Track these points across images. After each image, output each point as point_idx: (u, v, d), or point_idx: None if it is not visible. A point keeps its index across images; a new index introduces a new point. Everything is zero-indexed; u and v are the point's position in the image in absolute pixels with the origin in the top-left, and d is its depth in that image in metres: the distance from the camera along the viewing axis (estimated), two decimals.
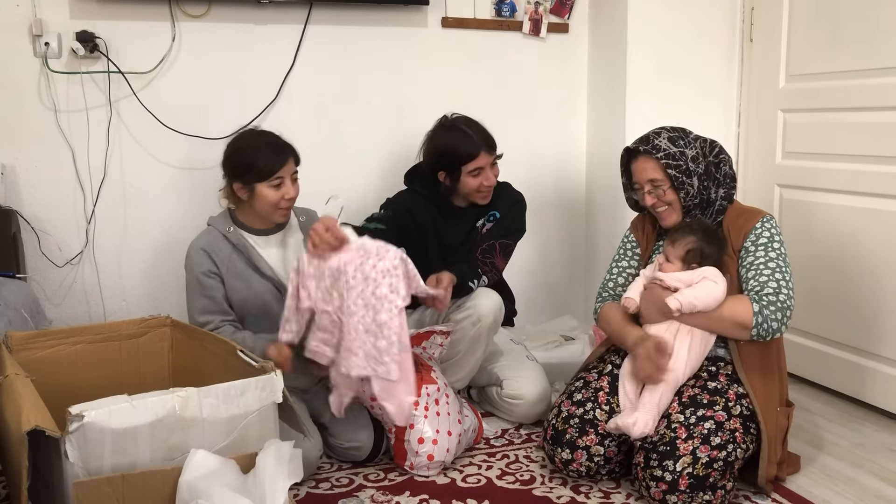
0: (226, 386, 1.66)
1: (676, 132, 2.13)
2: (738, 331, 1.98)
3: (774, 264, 2.00)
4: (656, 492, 1.86)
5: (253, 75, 2.83)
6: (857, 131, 2.55)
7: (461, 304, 2.34)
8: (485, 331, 2.34)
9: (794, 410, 2.10)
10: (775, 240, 2.04)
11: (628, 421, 1.93)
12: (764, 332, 1.95)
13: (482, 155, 2.39)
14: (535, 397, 2.42)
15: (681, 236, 2.05)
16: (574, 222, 3.32)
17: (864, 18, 2.50)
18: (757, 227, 2.06)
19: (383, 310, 1.89)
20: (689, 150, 2.09)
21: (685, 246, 2.03)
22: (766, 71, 2.92)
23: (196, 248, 2.23)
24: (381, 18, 2.94)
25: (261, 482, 1.52)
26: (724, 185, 2.12)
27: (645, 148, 2.10)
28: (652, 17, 2.96)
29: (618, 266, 2.29)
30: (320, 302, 1.98)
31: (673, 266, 2.05)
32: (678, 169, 2.07)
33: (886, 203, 2.47)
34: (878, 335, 2.52)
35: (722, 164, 2.13)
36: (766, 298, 1.95)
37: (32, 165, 2.66)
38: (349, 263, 1.93)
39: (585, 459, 2.02)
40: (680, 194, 2.08)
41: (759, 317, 1.94)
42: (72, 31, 2.61)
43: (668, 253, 2.07)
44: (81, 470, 1.50)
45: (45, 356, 2.04)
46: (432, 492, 2.04)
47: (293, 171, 2.24)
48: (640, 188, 2.14)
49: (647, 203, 2.13)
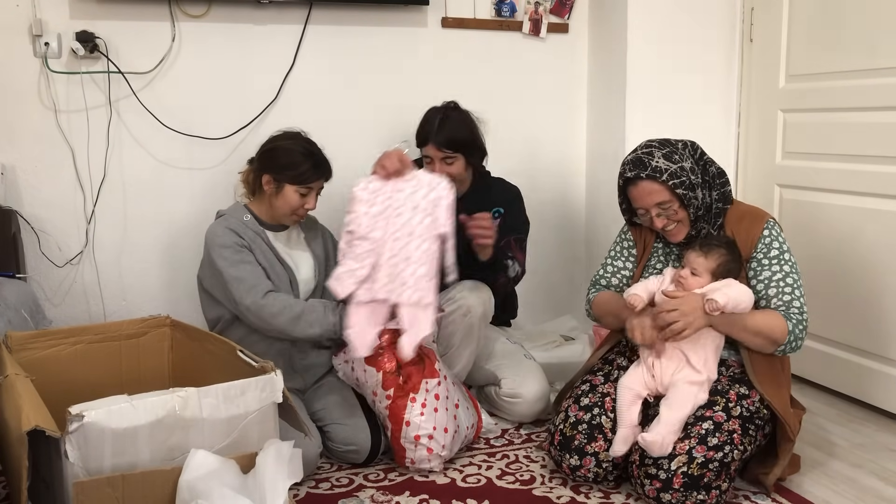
0: (226, 386, 1.66)
1: (665, 147, 2.06)
2: (766, 344, 1.95)
3: (792, 280, 1.99)
4: (650, 489, 1.86)
5: (253, 75, 2.83)
6: (857, 131, 2.55)
7: (450, 297, 2.35)
8: (476, 322, 2.35)
9: (804, 413, 2.10)
10: (784, 249, 2.02)
11: (656, 439, 1.86)
12: (790, 349, 1.95)
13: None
14: (534, 396, 2.42)
15: (712, 248, 1.97)
16: (574, 222, 3.32)
17: (864, 18, 2.50)
18: (765, 235, 2.03)
19: (429, 238, 2.04)
20: (685, 163, 2.04)
21: (717, 259, 1.96)
22: (766, 71, 2.92)
23: (221, 227, 2.21)
24: (381, 18, 2.94)
25: (261, 482, 1.52)
26: (716, 186, 2.08)
27: (646, 173, 2.01)
28: (652, 18, 2.96)
29: (613, 265, 2.25)
30: (363, 227, 2.07)
31: (700, 280, 1.96)
32: (684, 186, 2.01)
33: (886, 203, 2.47)
34: (879, 335, 2.52)
35: (708, 164, 2.10)
36: (796, 318, 1.95)
37: (32, 165, 2.67)
38: (402, 191, 2.08)
39: (594, 466, 2.00)
40: (689, 210, 2.03)
41: (791, 335, 1.93)
42: (72, 31, 2.61)
43: (695, 264, 1.97)
44: (81, 470, 1.49)
45: (45, 356, 2.04)
46: (432, 492, 2.04)
47: (321, 187, 2.28)
48: (646, 213, 2.07)
49: (658, 226, 2.05)
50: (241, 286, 2.13)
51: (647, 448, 1.88)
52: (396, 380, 2.12)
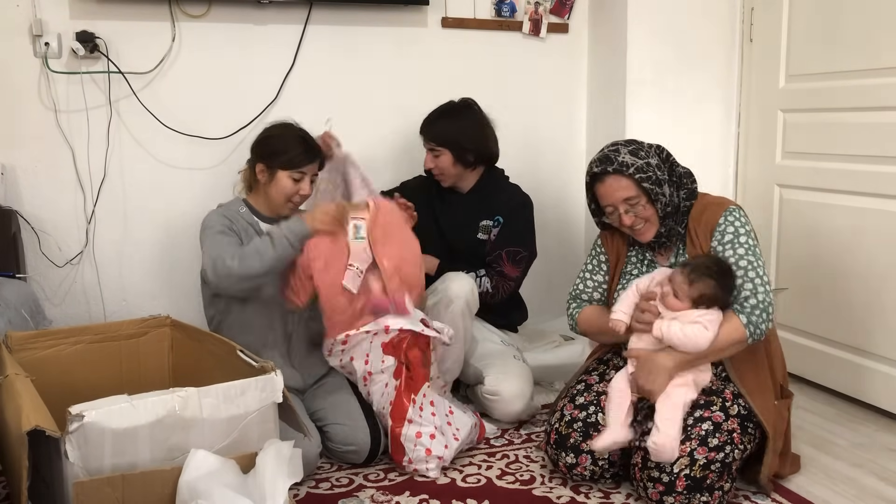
0: (226, 386, 1.66)
1: (631, 144, 2.06)
2: (735, 348, 1.95)
3: (745, 262, 1.96)
4: (653, 493, 1.86)
5: (253, 75, 2.83)
6: (857, 131, 2.55)
7: (433, 288, 2.41)
8: (458, 313, 2.37)
9: (792, 400, 2.09)
10: (740, 234, 2.00)
11: (660, 444, 1.85)
12: (758, 336, 1.93)
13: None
14: (512, 394, 2.41)
15: (699, 278, 1.91)
16: (574, 223, 3.32)
17: (864, 18, 2.50)
18: (720, 223, 2.02)
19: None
20: (652, 159, 2.04)
21: (700, 290, 1.91)
22: (766, 71, 2.92)
23: (216, 213, 2.26)
24: (381, 18, 2.94)
25: (261, 482, 1.52)
26: (683, 185, 2.07)
27: (613, 168, 2.01)
28: (652, 18, 2.97)
29: (593, 280, 2.23)
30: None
31: (681, 305, 1.92)
32: (650, 181, 2.00)
33: (886, 203, 2.47)
34: (878, 335, 2.52)
35: (674, 165, 2.10)
36: (748, 305, 1.93)
37: (32, 165, 2.67)
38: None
39: (590, 463, 2.01)
40: (657, 206, 2.02)
41: (749, 327, 1.91)
42: (72, 31, 2.61)
43: (678, 290, 1.93)
44: (81, 470, 1.49)
45: (45, 356, 2.04)
46: (432, 492, 2.04)
47: (314, 173, 2.28)
48: (614, 210, 2.05)
49: (626, 223, 2.04)
50: (213, 250, 2.11)
51: (655, 455, 1.86)
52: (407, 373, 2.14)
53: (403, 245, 2.16)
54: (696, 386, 1.95)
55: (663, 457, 1.85)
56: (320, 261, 2.08)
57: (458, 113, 2.59)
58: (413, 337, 2.14)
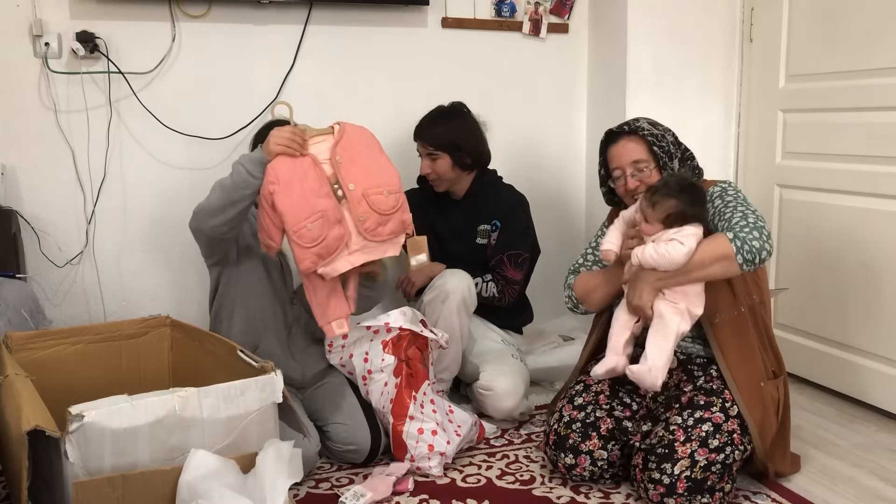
0: (226, 386, 1.67)
1: (653, 121, 2.13)
2: (724, 266, 1.86)
3: (735, 202, 1.96)
4: (654, 494, 1.86)
5: (253, 75, 2.83)
6: (857, 131, 2.55)
7: (431, 284, 2.43)
8: (454, 309, 2.37)
9: (785, 378, 2.06)
10: (728, 191, 2.00)
11: (643, 369, 1.88)
12: (748, 253, 1.83)
13: None
14: (504, 390, 2.42)
15: (661, 199, 1.93)
16: (574, 223, 3.32)
17: (864, 18, 2.51)
18: (711, 190, 2.04)
19: None
20: (668, 136, 2.10)
21: (665, 209, 1.92)
22: (766, 71, 2.92)
23: None
24: (381, 18, 2.94)
25: (261, 482, 1.53)
26: (688, 167, 2.10)
27: (629, 128, 2.08)
28: (652, 18, 2.97)
29: (594, 255, 2.23)
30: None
31: (652, 228, 1.94)
32: (662, 149, 2.06)
33: (886, 203, 2.47)
34: (878, 335, 2.52)
35: (686, 153, 2.13)
36: (737, 225, 1.88)
37: (32, 165, 2.67)
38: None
39: (589, 464, 2.01)
40: (664, 175, 2.04)
41: (737, 241, 1.83)
42: (72, 31, 2.61)
43: (646, 214, 1.95)
44: (81, 470, 1.50)
45: (45, 356, 2.04)
46: (432, 492, 2.04)
47: None
48: (622, 174, 2.08)
49: (630, 187, 2.06)
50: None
51: (636, 380, 1.90)
52: (408, 370, 2.14)
53: (372, 169, 2.01)
54: (690, 316, 1.92)
55: (644, 384, 1.88)
56: (279, 184, 1.94)
57: (452, 116, 2.60)
58: (413, 336, 2.16)
